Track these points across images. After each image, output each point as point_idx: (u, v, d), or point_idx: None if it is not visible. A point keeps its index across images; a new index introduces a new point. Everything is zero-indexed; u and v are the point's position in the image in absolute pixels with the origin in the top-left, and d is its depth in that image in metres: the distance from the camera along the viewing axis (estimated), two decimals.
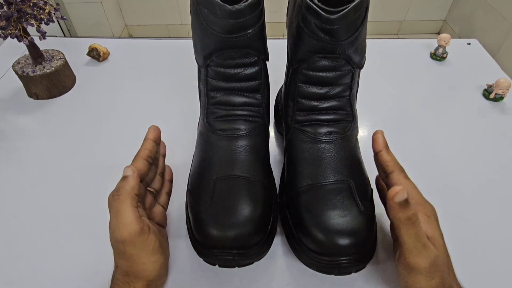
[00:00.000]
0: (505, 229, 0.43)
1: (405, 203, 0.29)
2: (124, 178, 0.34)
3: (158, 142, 0.40)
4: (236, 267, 0.35)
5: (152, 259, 0.32)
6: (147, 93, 0.62)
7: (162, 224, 0.39)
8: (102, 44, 0.70)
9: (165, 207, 0.40)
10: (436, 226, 0.33)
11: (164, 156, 0.43)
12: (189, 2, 0.38)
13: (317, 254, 0.34)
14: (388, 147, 0.39)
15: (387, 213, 0.39)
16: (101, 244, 0.41)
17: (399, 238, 0.31)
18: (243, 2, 0.34)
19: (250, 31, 0.36)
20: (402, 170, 0.36)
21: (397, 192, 0.29)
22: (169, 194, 0.42)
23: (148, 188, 0.38)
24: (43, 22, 0.55)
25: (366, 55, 0.40)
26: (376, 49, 0.71)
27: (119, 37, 1.99)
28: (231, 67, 0.39)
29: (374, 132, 0.39)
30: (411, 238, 0.30)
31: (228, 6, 0.33)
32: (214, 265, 0.35)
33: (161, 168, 0.41)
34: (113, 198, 0.32)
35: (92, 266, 0.39)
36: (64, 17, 0.56)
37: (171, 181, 0.43)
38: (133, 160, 0.37)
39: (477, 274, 0.39)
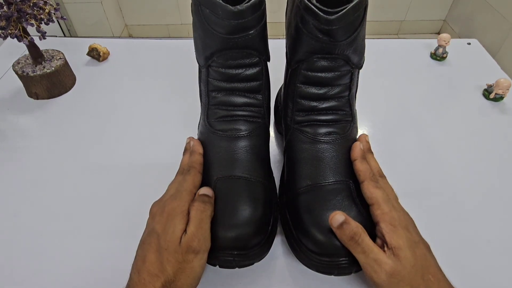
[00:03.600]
0: (506, 229, 0.43)
1: (344, 224, 0.32)
2: (207, 196, 0.35)
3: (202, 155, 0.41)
4: (237, 268, 0.35)
5: (200, 275, 0.33)
6: (147, 93, 0.62)
7: None
8: (102, 44, 0.70)
9: None
10: (400, 235, 0.32)
11: None
12: (190, 2, 0.38)
13: (316, 255, 0.34)
14: (369, 153, 0.40)
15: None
16: (101, 244, 0.41)
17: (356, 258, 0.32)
18: (245, 3, 0.34)
19: (252, 32, 0.36)
20: (373, 179, 0.36)
21: (333, 217, 0.33)
22: None
23: None
24: (43, 22, 0.54)
25: (366, 55, 0.40)
26: (376, 49, 0.71)
27: (119, 37, 1.99)
28: (232, 67, 0.39)
29: (357, 139, 0.40)
30: (360, 255, 0.31)
31: (230, 7, 0.33)
32: (215, 265, 0.35)
33: None
34: (199, 209, 0.33)
35: (93, 266, 0.39)
36: (64, 17, 0.56)
37: None
38: (190, 173, 0.38)
39: (477, 274, 0.39)
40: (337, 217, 0.32)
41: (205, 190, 0.35)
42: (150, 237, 0.33)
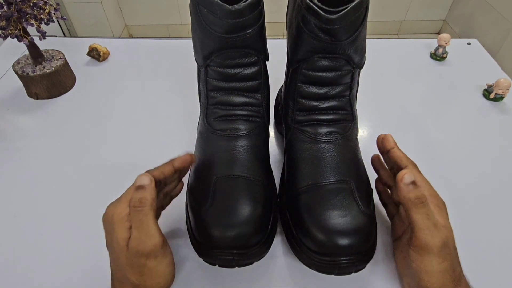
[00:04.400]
0: (506, 229, 0.43)
1: (414, 184, 0.32)
2: (142, 188, 0.32)
3: (179, 172, 0.38)
4: (236, 267, 0.35)
5: (167, 270, 0.32)
6: (147, 93, 0.62)
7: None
8: (102, 44, 0.70)
9: (164, 208, 0.40)
10: (445, 216, 0.33)
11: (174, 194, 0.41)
12: (189, 2, 0.38)
13: (317, 254, 0.34)
14: (395, 145, 0.40)
15: (388, 215, 0.39)
16: (101, 244, 0.41)
17: (410, 221, 0.32)
18: (243, 2, 0.34)
19: (249, 31, 0.36)
20: (415, 166, 0.37)
21: (405, 174, 0.32)
22: (172, 198, 0.41)
23: None
24: (43, 22, 0.55)
25: (366, 55, 0.40)
26: (376, 49, 0.71)
27: (119, 37, 1.99)
28: (231, 67, 0.39)
29: (381, 134, 0.40)
30: (422, 217, 0.31)
31: (228, 6, 0.33)
32: (214, 265, 0.35)
33: (168, 190, 0.39)
34: (136, 209, 0.31)
35: (93, 266, 0.39)
36: (64, 17, 0.56)
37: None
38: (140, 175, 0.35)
39: (478, 274, 0.39)
40: (409, 176, 0.32)
41: (140, 180, 0.32)
42: (108, 249, 0.33)
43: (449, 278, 0.31)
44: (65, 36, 1.88)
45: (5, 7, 0.51)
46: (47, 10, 0.54)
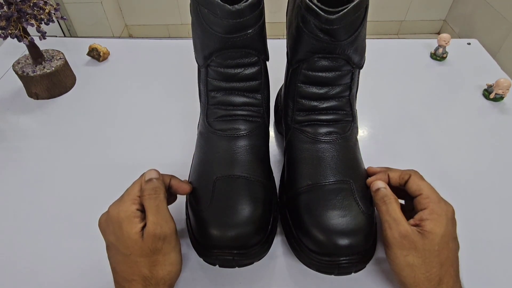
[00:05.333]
0: (506, 229, 0.43)
1: (380, 189, 0.35)
2: (151, 180, 0.34)
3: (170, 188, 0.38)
4: (236, 267, 0.35)
5: (178, 259, 0.33)
6: (147, 93, 0.62)
7: None
8: (102, 44, 0.70)
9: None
10: (442, 224, 0.33)
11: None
12: (189, 2, 0.38)
13: (317, 254, 0.34)
14: (387, 169, 0.39)
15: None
16: (101, 244, 0.41)
17: (380, 218, 0.35)
18: (243, 2, 0.34)
19: (250, 31, 0.36)
20: (417, 174, 0.37)
21: (373, 182, 0.36)
22: None
23: None
24: (43, 22, 0.55)
25: (366, 55, 0.40)
26: (376, 49, 0.71)
27: (119, 37, 1.99)
28: (231, 67, 0.39)
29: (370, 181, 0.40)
30: (382, 213, 0.34)
31: (228, 6, 0.33)
32: (214, 265, 0.35)
33: None
34: (151, 197, 0.33)
35: (93, 266, 0.39)
36: (64, 17, 0.56)
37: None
38: (135, 182, 0.36)
39: (477, 274, 0.39)
40: (378, 183, 0.36)
41: (150, 174, 0.35)
42: (110, 250, 0.33)
43: (421, 275, 0.31)
44: (65, 36, 1.88)
45: (5, 7, 0.51)
46: (47, 10, 0.54)
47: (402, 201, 0.39)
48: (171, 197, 0.40)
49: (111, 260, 0.33)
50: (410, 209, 0.37)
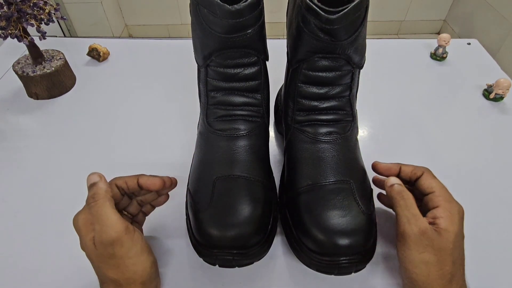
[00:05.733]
0: (506, 229, 0.43)
1: (396, 184, 0.35)
2: (93, 185, 0.33)
3: (146, 189, 0.37)
4: (236, 267, 0.35)
5: (141, 258, 0.32)
6: (147, 93, 0.62)
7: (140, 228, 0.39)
8: (102, 44, 0.70)
9: (147, 214, 0.40)
10: (455, 222, 0.33)
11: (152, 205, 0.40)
12: (189, 2, 0.38)
13: (317, 254, 0.34)
14: (397, 164, 0.40)
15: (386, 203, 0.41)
16: None
17: (396, 213, 0.35)
18: (243, 2, 0.34)
19: (249, 31, 0.36)
20: (429, 172, 0.38)
21: (389, 178, 0.36)
22: (154, 206, 0.40)
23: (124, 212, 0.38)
24: (43, 22, 0.54)
25: (366, 55, 0.40)
26: (376, 49, 0.71)
27: (119, 37, 1.99)
28: (230, 67, 0.39)
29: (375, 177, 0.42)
30: (401, 208, 0.34)
31: (228, 6, 0.33)
32: (214, 265, 0.35)
33: (144, 200, 0.39)
34: (91, 205, 0.32)
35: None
36: (64, 17, 0.56)
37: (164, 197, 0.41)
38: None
39: (477, 274, 0.39)
40: (393, 179, 0.36)
41: (89, 179, 0.34)
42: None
43: (435, 273, 0.31)
44: (65, 36, 1.88)
45: (5, 7, 0.51)
46: (47, 10, 0.54)
47: None
48: (146, 206, 0.39)
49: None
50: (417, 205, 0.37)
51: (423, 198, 0.36)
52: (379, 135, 0.55)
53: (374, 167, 0.40)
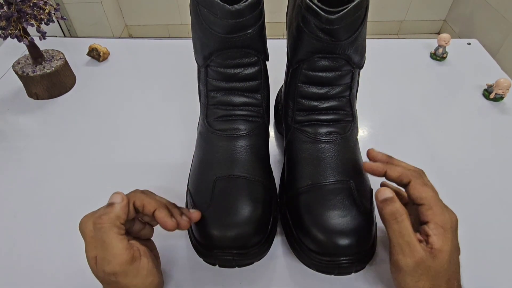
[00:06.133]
0: (506, 229, 0.43)
1: (388, 200, 0.32)
2: (111, 205, 0.31)
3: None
4: (236, 267, 0.35)
5: (147, 281, 0.31)
6: (147, 93, 0.62)
7: (148, 238, 0.37)
8: (102, 44, 0.70)
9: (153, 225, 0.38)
10: (448, 239, 0.31)
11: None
12: (189, 2, 0.38)
13: (317, 254, 0.34)
14: (392, 159, 0.36)
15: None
16: None
17: (388, 236, 0.32)
18: (243, 2, 0.34)
19: (249, 31, 0.36)
20: (419, 177, 0.34)
21: (380, 190, 0.32)
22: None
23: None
24: (43, 22, 0.54)
25: (366, 55, 0.40)
26: (376, 49, 0.71)
27: (119, 37, 1.99)
28: (230, 67, 0.39)
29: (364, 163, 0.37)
30: (394, 234, 0.31)
31: (228, 6, 0.33)
32: (214, 265, 0.35)
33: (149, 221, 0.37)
34: (96, 227, 0.30)
35: None
36: (64, 17, 0.56)
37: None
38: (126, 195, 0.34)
39: (477, 274, 0.39)
40: (385, 192, 0.32)
41: (112, 198, 0.32)
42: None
43: None
44: (65, 36, 1.88)
45: (5, 7, 0.51)
46: (47, 10, 0.54)
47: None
48: (144, 228, 0.36)
49: None
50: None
51: (416, 208, 0.33)
52: (379, 135, 0.55)
53: (367, 155, 0.38)
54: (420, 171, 0.35)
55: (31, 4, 0.53)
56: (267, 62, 0.42)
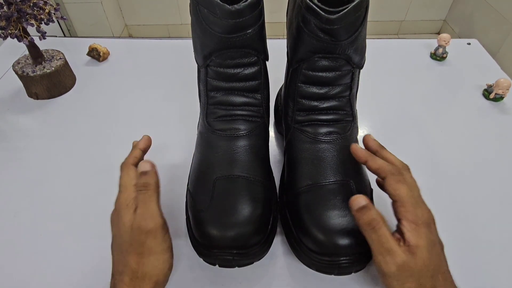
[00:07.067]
0: (506, 229, 0.43)
1: (364, 209, 0.31)
2: (145, 173, 0.34)
3: (145, 152, 0.41)
4: (236, 267, 0.35)
5: (165, 256, 0.33)
6: (147, 93, 0.62)
7: None
8: (102, 44, 0.70)
9: None
10: (422, 234, 0.31)
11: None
12: (189, 2, 0.38)
13: (317, 254, 0.34)
14: (381, 149, 0.37)
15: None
16: (101, 243, 0.41)
17: (369, 244, 0.32)
18: (243, 2, 0.34)
19: (249, 31, 0.36)
20: (395, 173, 0.34)
21: (354, 199, 0.32)
22: None
23: None
24: (43, 22, 0.55)
25: (366, 55, 0.40)
26: (376, 49, 0.71)
27: (119, 37, 1.99)
28: (230, 67, 0.39)
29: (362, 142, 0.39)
30: (374, 243, 0.31)
31: (228, 6, 0.33)
32: (214, 265, 0.35)
33: None
34: (141, 192, 0.33)
35: (92, 266, 0.39)
36: (64, 17, 0.56)
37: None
38: (122, 169, 0.37)
39: (477, 274, 0.39)
40: (359, 201, 0.32)
41: (143, 167, 0.35)
42: (112, 242, 0.34)
43: None
44: (65, 36, 1.88)
45: (5, 7, 0.51)
46: (47, 10, 0.54)
47: None
48: None
49: (112, 253, 0.34)
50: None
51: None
52: (379, 135, 0.54)
53: (363, 140, 0.39)
54: (403, 167, 0.35)
55: (31, 4, 0.53)
56: (267, 62, 0.42)
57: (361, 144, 0.40)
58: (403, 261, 0.30)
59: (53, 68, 0.59)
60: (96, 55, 0.68)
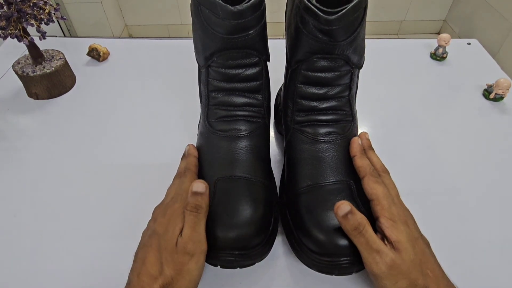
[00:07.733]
0: (506, 229, 0.43)
1: (349, 214, 0.32)
2: (198, 194, 0.34)
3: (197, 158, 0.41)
4: (238, 268, 0.35)
5: (198, 279, 0.33)
6: (147, 93, 0.62)
7: None
8: (102, 44, 0.70)
9: None
10: (401, 230, 0.32)
11: None
12: (189, 2, 0.38)
13: (317, 255, 0.34)
14: (369, 150, 0.40)
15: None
16: (101, 244, 0.41)
17: (357, 247, 0.32)
18: (245, 3, 0.34)
19: (251, 32, 0.36)
20: (373, 174, 0.36)
21: (339, 206, 0.32)
22: None
23: None
24: (43, 22, 0.54)
25: (366, 55, 0.40)
26: (376, 49, 0.71)
27: (119, 37, 1.99)
28: (232, 67, 0.39)
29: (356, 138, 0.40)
30: (362, 246, 0.32)
31: (230, 7, 0.33)
32: (216, 266, 0.35)
33: None
34: (192, 213, 0.33)
35: (92, 266, 0.39)
36: (64, 17, 0.56)
37: None
38: (186, 175, 0.38)
39: (477, 274, 0.39)
40: (343, 207, 0.32)
41: (197, 187, 0.34)
42: (151, 238, 0.33)
43: None
44: (65, 36, 1.88)
45: (5, 7, 0.51)
46: (47, 10, 0.54)
47: None
48: None
49: (146, 249, 0.32)
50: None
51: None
52: (379, 135, 0.55)
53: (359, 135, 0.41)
54: (383, 170, 0.38)
55: (31, 4, 0.52)
56: (268, 62, 0.42)
57: None
58: (392, 260, 0.31)
59: (53, 68, 0.59)
60: (96, 55, 0.68)
